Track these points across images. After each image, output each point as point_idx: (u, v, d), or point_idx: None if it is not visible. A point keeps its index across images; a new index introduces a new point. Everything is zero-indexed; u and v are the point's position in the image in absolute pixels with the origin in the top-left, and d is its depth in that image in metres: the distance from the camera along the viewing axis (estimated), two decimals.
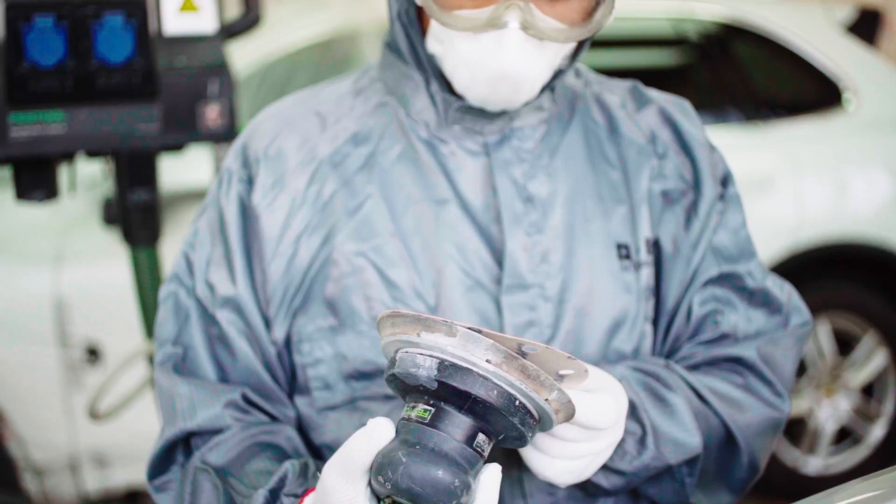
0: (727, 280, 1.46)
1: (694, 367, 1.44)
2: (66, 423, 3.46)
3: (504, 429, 1.07)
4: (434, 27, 1.35)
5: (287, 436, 1.39)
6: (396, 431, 1.08)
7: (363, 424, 1.36)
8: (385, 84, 1.46)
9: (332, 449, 1.41)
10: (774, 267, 3.98)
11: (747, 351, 1.43)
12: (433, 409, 1.06)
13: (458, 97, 1.39)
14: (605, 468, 1.30)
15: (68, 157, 2.32)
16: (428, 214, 1.39)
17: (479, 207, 1.40)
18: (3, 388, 3.47)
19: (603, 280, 1.41)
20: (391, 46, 1.44)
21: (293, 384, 1.44)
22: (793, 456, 4.13)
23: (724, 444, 1.40)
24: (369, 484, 1.08)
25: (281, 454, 1.35)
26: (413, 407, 1.08)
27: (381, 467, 1.05)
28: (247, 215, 1.41)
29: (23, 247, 3.53)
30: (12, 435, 3.51)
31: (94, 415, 2.69)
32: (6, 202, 3.37)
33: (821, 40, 4.29)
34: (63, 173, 2.64)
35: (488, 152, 1.40)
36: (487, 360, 1.04)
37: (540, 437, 1.20)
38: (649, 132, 1.49)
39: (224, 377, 1.41)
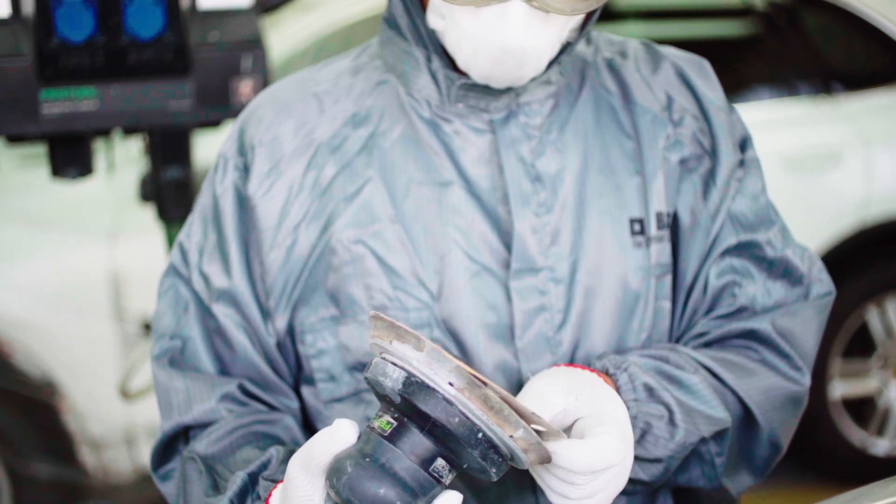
0: (746, 249, 1.38)
1: (707, 345, 1.37)
2: (122, 397, 3.48)
3: (466, 459, 1.02)
4: (434, 1, 1.29)
5: (285, 425, 1.35)
6: (360, 436, 1.04)
7: (368, 417, 1.34)
8: (384, 61, 1.39)
9: None
10: (841, 243, 3.90)
11: (761, 324, 1.35)
12: (396, 424, 1.02)
13: (461, 74, 1.33)
14: (641, 460, 1.25)
15: (102, 133, 2.31)
16: (430, 198, 1.33)
17: (486, 188, 1.33)
18: (60, 362, 3.50)
19: (613, 258, 1.35)
20: (389, 22, 1.38)
21: (299, 375, 1.40)
22: (860, 437, 4.04)
23: (741, 420, 1.33)
24: None
25: (275, 443, 1.32)
26: (380, 416, 1.04)
27: (331, 472, 1.02)
28: (242, 205, 1.36)
29: (78, 221, 3.56)
30: (69, 408, 3.54)
31: (125, 394, 2.69)
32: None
33: (893, 9, 4.15)
34: (110, 150, 2.65)
35: (494, 130, 1.34)
36: (450, 383, 0.99)
37: (554, 483, 1.14)
38: (665, 97, 1.41)
39: (224, 370, 1.37)
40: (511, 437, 1.01)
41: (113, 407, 3.51)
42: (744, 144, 1.42)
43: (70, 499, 3.63)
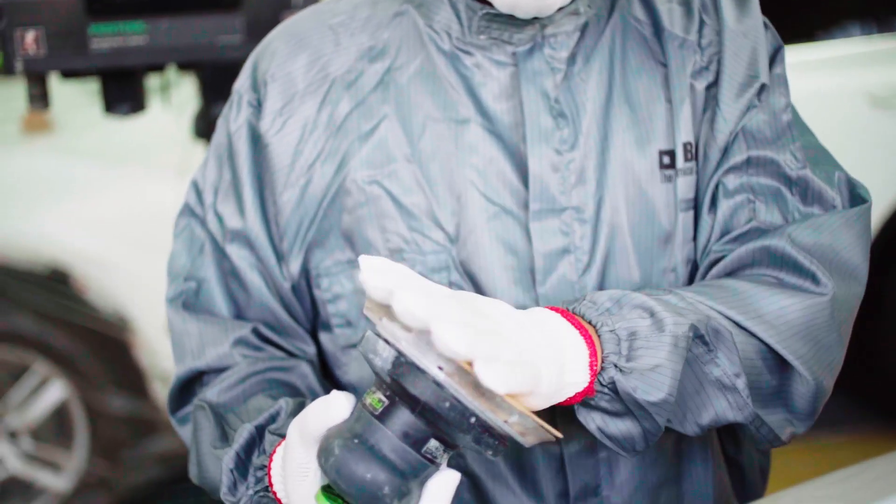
0: (760, 167, 1.25)
1: (729, 274, 1.23)
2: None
3: (460, 441, 0.98)
4: None
5: (301, 372, 1.31)
6: (353, 410, 1.00)
7: None
8: None
9: (356, 389, 1.33)
10: None
11: (775, 240, 1.19)
12: (387, 402, 0.97)
13: (484, 3, 1.24)
14: (645, 374, 1.05)
15: (153, 69, 2.29)
16: (447, 135, 1.26)
17: (507, 124, 1.26)
18: (132, 298, 3.53)
19: (642, 193, 1.26)
20: None
21: (316, 321, 1.36)
22: None
23: (762, 355, 1.16)
24: None
25: (289, 391, 1.28)
26: (373, 392, 0.99)
27: (320, 450, 0.99)
28: (256, 143, 1.31)
29: (147, 157, 3.56)
30: (141, 344, 3.57)
31: None
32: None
33: None
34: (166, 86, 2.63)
35: (517, 63, 1.26)
36: (440, 367, 0.93)
37: None
38: (695, 24, 1.29)
39: (239, 313, 1.34)
40: (506, 421, 0.95)
41: None
42: (773, 60, 1.30)
43: (144, 433, 3.68)
